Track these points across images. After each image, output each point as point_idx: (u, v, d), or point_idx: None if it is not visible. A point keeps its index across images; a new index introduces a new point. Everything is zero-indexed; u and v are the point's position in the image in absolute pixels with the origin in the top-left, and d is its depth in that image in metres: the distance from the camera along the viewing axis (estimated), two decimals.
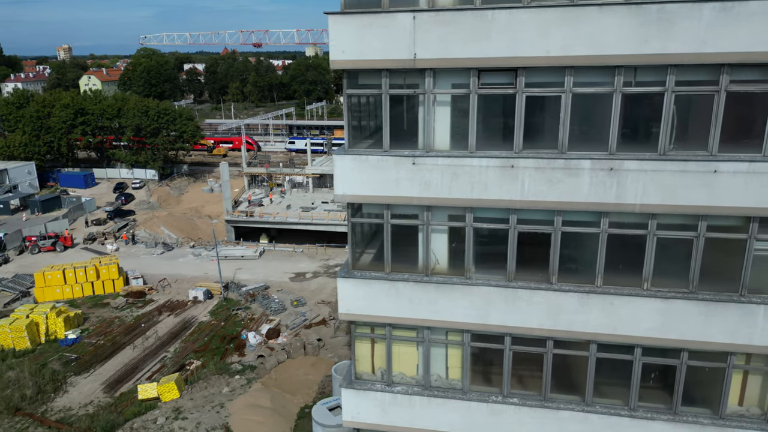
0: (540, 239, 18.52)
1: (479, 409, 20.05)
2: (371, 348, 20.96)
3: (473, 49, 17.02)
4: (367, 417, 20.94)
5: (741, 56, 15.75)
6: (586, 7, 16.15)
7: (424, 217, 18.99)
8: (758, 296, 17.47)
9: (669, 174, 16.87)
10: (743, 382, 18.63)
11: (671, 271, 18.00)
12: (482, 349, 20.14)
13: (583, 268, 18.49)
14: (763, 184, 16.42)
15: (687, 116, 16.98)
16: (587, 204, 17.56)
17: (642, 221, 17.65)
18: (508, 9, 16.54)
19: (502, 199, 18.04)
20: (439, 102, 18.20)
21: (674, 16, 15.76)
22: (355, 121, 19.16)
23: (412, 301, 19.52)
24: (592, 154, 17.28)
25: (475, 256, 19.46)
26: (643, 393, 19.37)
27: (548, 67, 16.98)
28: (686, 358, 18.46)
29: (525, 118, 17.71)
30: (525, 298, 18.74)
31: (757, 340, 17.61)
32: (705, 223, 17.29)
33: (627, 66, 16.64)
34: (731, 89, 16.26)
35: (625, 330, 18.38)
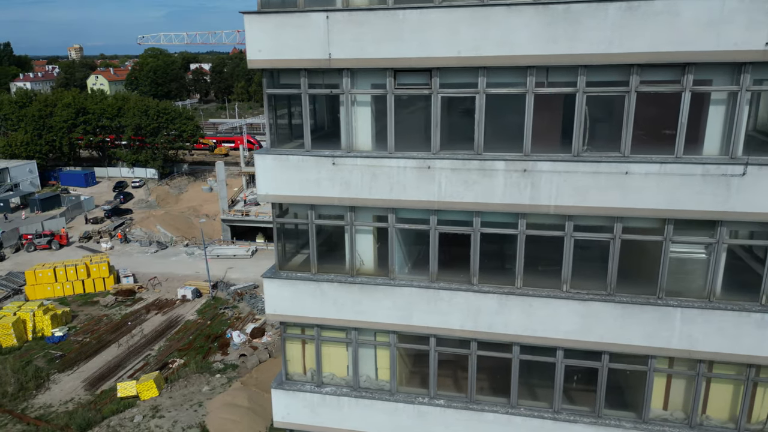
0: (461, 240, 18.41)
1: (406, 410, 19.97)
2: (302, 349, 20.93)
3: (387, 49, 16.94)
4: (298, 417, 20.93)
5: (648, 56, 15.60)
6: (494, 7, 16.05)
7: (348, 217, 18.88)
8: (675, 299, 17.27)
9: (582, 175, 16.74)
10: (667, 386, 18.43)
11: (590, 273, 17.87)
12: (409, 351, 20.05)
13: (504, 270, 18.37)
14: (675, 185, 16.24)
15: (600, 117, 16.83)
16: (503, 205, 17.46)
17: (559, 222, 17.52)
18: (419, 9, 16.45)
19: (420, 200, 17.95)
20: (359, 102, 18.13)
21: (580, 15, 15.64)
22: (282, 120, 19.09)
23: (336, 302, 19.49)
24: (506, 155, 17.17)
25: (401, 257, 19.38)
26: (568, 395, 19.25)
27: (461, 68, 16.87)
28: (607, 361, 18.25)
29: (442, 119, 17.59)
30: (446, 299, 18.66)
31: (675, 343, 17.44)
32: (620, 224, 17.12)
33: (538, 66, 16.50)
34: (641, 90, 16.10)
35: (545, 332, 18.25)
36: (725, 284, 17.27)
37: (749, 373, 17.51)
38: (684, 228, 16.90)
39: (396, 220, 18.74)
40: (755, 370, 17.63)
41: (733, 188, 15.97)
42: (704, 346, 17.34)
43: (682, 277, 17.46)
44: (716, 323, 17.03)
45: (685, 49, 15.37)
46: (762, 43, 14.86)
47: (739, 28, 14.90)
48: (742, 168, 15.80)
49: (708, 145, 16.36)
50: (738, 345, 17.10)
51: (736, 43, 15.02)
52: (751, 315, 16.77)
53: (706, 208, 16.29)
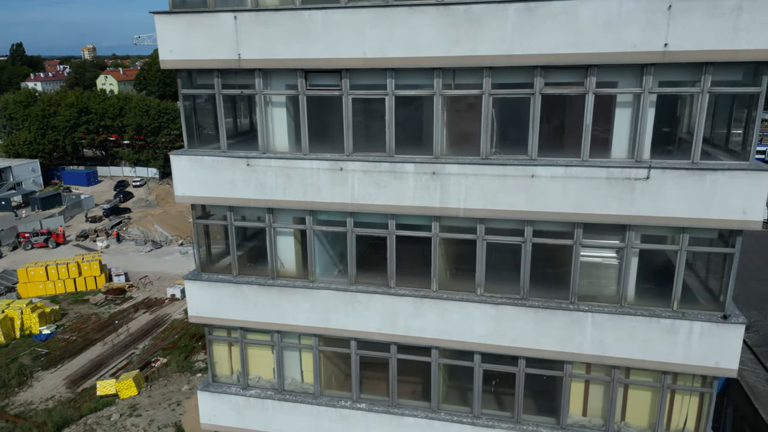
0: (378, 243, 18.26)
1: (328, 413, 19.86)
2: (229, 351, 20.85)
3: (296, 50, 16.85)
4: (223, 420, 20.86)
5: (549, 58, 15.41)
6: (397, 8, 15.90)
7: (267, 219, 18.79)
8: (587, 304, 17.03)
9: (489, 178, 16.56)
10: (585, 392, 18.19)
11: (505, 277, 17.68)
12: (333, 354, 19.92)
13: (421, 273, 18.18)
14: (581, 189, 16.02)
15: (508, 119, 16.61)
16: (414, 207, 17.31)
17: (471, 225, 17.34)
18: (324, 9, 16.34)
19: (334, 201, 17.84)
20: (275, 103, 18.05)
21: (481, 17, 15.47)
22: (200, 119, 19.03)
23: (257, 305, 19.41)
24: (416, 158, 17.00)
25: (327, 260, 19.25)
26: (488, 400, 19.04)
27: (370, 69, 16.72)
28: (524, 366, 18.04)
29: (360, 121, 17.47)
30: (363, 302, 18.54)
31: (587, 348, 17.22)
32: (531, 228, 16.89)
33: (444, 68, 16.31)
34: (546, 92, 15.88)
35: (461, 336, 18.08)
36: (638, 289, 17.00)
37: (665, 380, 17.17)
38: (594, 232, 16.66)
39: (314, 222, 18.55)
40: (672, 377, 17.30)
41: (638, 192, 15.74)
42: (616, 352, 17.09)
43: (594, 281, 17.23)
44: (627, 329, 16.78)
45: (584, 51, 15.15)
46: (661, 44, 14.60)
47: (638, 29, 14.67)
48: (646, 171, 15.50)
49: (616, 149, 16.13)
50: (649, 351, 16.85)
51: (635, 44, 14.79)
52: (661, 321, 16.51)
53: (612, 212, 16.05)
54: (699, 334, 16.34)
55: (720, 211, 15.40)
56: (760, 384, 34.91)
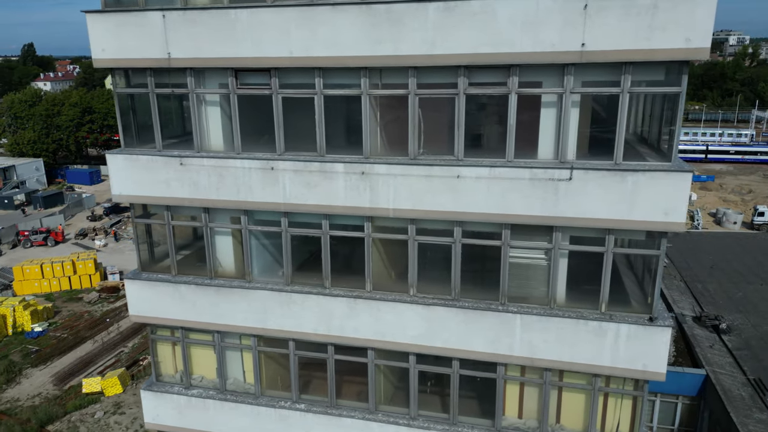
0: (313, 243, 18.21)
1: (268, 414, 19.82)
2: (173, 350, 20.85)
3: (224, 49, 16.82)
4: (166, 419, 20.86)
5: (470, 58, 15.30)
6: (320, 7, 15.83)
7: (203, 219, 18.76)
8: (516, 305, 16.89)
9: (417, 179, 16.46)
10: (520, 394, 18.05)
11: (437, 278, 17.57)
12: (273, 354, 19.88)
13: (356, 273, 18.10)
14: (505, 189, 15.89)
15: (435, 120, 16.50)
16: (345, 208, 17.24)
17: (403, 226, 17.23)
18: (249, 9, 16.30)
19: (266, 201, 17.79)
20: (210, 102, 18.02)
21: (402, 16, 15.37)
22: (139, 119, 19.02)
23: (195, 305, 19.39)
24: (345, 158, 16.92)
25: (262, 260, 19.21)
26: (425, 402, 18.94)
27: (298, 68, 16.67)
28: (458, 367, 17.92)
29: (287, 120, 17.39)
30: (299, 303, 18.48)
31: (517, 350, 17.08)
32: (460, 228, 16.78)
33: (371, 68, 16.23)
34: (470, 92, 15.76)
35: (394, 336, 18.00)
36: (568, 291, 16.84)
37: (596, 383, 17.00)
38: (521, 233, 16.54)
39: (250, 221, 18.51)
40: (604, 380, 17.13)
41: (561, 193, 15.59)
42: (545, 354, 16.94)
43: (524, 283, 17.10)
44: (555, 331, 16.63)
45: (504, 51, 15.03)
46: (578, 43, 14.45)
47: (555, 28, 14.54)
48: (568, 172, 15.35)
49: (543, 149, 15.99)
50: (578, 353, 16.69)
51: (553, 44, 14.65)
52: (588, 323, 16.35)
53: (536, 213, 15.91)
54: (626, 337, 16.16)
55: (643, 213, 15.23)
56: (735, 388, 34.67)
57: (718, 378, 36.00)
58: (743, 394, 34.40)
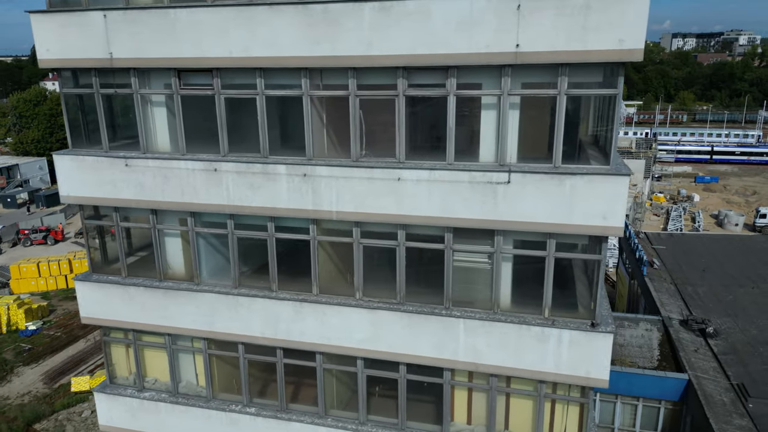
0: (261, 245, 18.02)
1: (219, 417, 19.65)
2: (126, 352, 20.72)
3: (165, 49, 16.67)
4: (120, 421, 20.76)
5: (407, 59, 15.09)
6: (258, 7, 15.65)
7: (151, 220, 18.62)
8: (459, 310, 16.65)
9: (359, 181, 16.24)
10: (469, 400, 17.81)
11: (383, 281, 17.36)
12: (223, 357, 19.71)
13: (304, 276, 17.91)
14: (445, 192, 15.66)
15: (377, 121, 16.28)
16: (288, 210, 17.04)
17: (348, 228, 17.01)
18: (188, 8, 16.14)
19: (211, 203, 17.63)
20: (156, 103, 17.89)
21: (339, 16, 15.16)
22: (89, 119, 18.90)
23: (144, 307, 19.25)
24: (288, 159, 16.73)
25: (212, 262, 19.05)
26: (374, 406, 18.73)
27: (239, 69, 16.49)
28: (405, 372, 17.68)
29: (231, 121, 17.24)
30: (246, 306, 18.30)
31: (461, 355, 16.84)
32: (404, 232, 16.54)
33: (311, 68, 16.03)
34: (410, 93, 15.53)
35: (339, 341, 17.79)
36: (512, 296, 16.58)
37: (541, 390, 16.74)
38: (465, 236, 16.29)
39: (197, 223, 18.35)
40: (551, 387, 16.86)
41: (500, 196, 15.34)
42: (489, 360, 16.69)
43: (470, 287, 16.87)
44: (498, 336, 16.38)
45: (440, 52, 14.79)
46: (513, 44, 14.19)
47: (489, 29, 14.29)
48: (506, 175, 15.09)
49: (484, 152, 15.74)
50: (522, 359, 16.44)
51: (488, 45, 14.40)
52: (531, 328, 16.10)
53: (476, 216, 15.67)
54: (568, 343, 15.89)
55: (581, 217, 14.95)
56: (717, 393, 34.28)
57: (701, 383, 35.63)
58: (725, 400, 33.99)
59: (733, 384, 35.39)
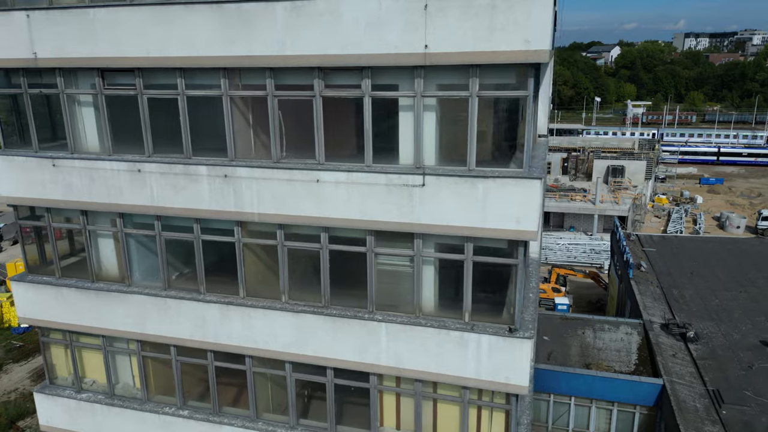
0: (188, 247, 17.87)
1: (153, 420, 19.53)
2: (65, 353, 20.64)
3: (87, 48, 16.55)
4: (59, 422, 20.70)
5: (320, 59, 14.87)
6: (174, 6, 15.49)
7: (81, 221, 18.52)
8: (381, 314, 16.42)
9: (279, 183, 16.05)
10: (397, 405, 17.57)
11: (309, 285, 17.14)
12: (157, 359, 19.58)
13: (231, 279, 17.73)
14: (364, 195, 15.43)
15: (297, 122, 16.07)
16: (211, 212, 16.86)
17: (272, 231, 16.82)
18: (107, 8, 16.00)
19: (136, 204, 17.49)
20: (84, 103, 17.77)
21: (252, 16, 14.97)
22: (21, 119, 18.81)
23: (77, 308, 19.17)
24: (209, 160, 16.56)
25: (145, 264, 18.91)
26: (305, 410, 18.56)
27: (161, 68, 16.32)
28: (332, 376, 17.47)
29: (156, 121, 17.10)
30: (174, 308, 18.16)
31: (384, 360, 16.62)
32: (326, 234, 16.33)
33: (230, 68, 15.84)
34: (326, 94, 15.30)
35: (266, 344, 17.61)
36: (434, 300, 16.33)
37: (465, 395, 16.47)
38: (386, 240, 16.05)
39: (127, 224, 18.23)
40: (477, 393, 16.60)
41: (416, 199, 15.08)
42: (411, 365, 16.45)
43: (395, 291, 16.61)
44: (419, 340, 16.13)
45: (352, 52, 14.56)
46: (421, 45, 13.92)
47: (398, 29, 14.03)
48: (421, 178, 14.84)
49: (403, 155, 15.47)
50: (443, 364, 16.19)
51: (397, 45, 14.14)
52: (450, 333, 15.83)
53: (393, 219, 15.43)
54: (488, 348, 15.61)
55: (495, 221, 14.68)
56: (691, 399, 33.83)
57: (675, 388, 35.20)
58: (698, 406, 33.53)
59: (709, 390, 34.90)
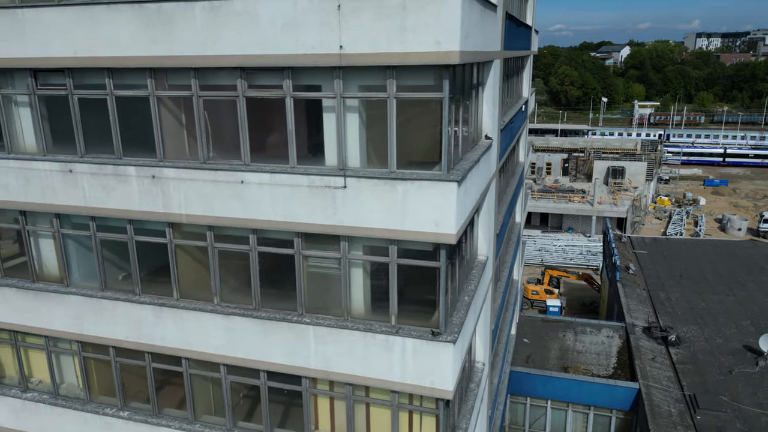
0: (125, 248, 17.81)
1: (94, 421, 19.51)
2: (12, 352, 20.65)
3: (17, 49, 16.54)
4: (5, 421, 20.74)
5: (240, 59, 14.76)
6: (98, 6, 15.42)
7: (20, 221, 18.50)
8: (310, 317, 16.29)
9: (205, 184, 15.96)
10: (331, 409, 17.44)
11: (242, 287, 17.03)
12: (99, 360, 19.53)
13: (165, 281, 17.67)
14: (288, 197, 15.32)
15: (223, 123, 15.97)
16: (142, 213, 16.82)
17: (202, 232, 16.73)
18: (35, 8, 15.98)
19: (69, 204, 17.48)
20: (21, 103, 17.75)
21: (172, 16, 14.88)
22: None
23: (17, 308, 19.18)
24: (138, 161, 16.49)
25: (86, 264, 18.86)
26: (244, 413, 18.47)
27: (89, 69, 16.27)
28: (266, 379, 17.36)
29: (89, 122, 17.06)
30: (110, 309, 18.12)
31: (313, 363, 16.49)
32: (255, 236, 16.22)
33: (156, 69, 15.79)
34: (249, 95, 15.19)
35: (199, 346, 17.54)
36: (363, 303, 16.19)
37: (394, 399, 16.31)
38: (314, 242, 15.91)
39: (65, 225, 18.23)
40: (407, 397, 16.43)
41: (339, 201, 14.94)
42: (339, 368, 16.33)
43: (325, 294, 16.46)
44: (346, 344, 15.99)
45: (270, 53, 14.45)
46: (337, 46, 13.78)
47: (314, 30, 13.89)
48: (342, 180, 14.69)
49: (329, 156, 15.33)
50: (370, 368, 16.06)
51: (313, 46, 14.00)
52: (377, 336, 15.68)
53: (318, 222, 15.30)
54: (412, 352, 15.46)
55: (415, 223, 14.52)
56: (665, 404, 33.54)
57: (650, 392, 34.94)
58: (672, 411, 33.27)
59: (685, 394, 34.61)
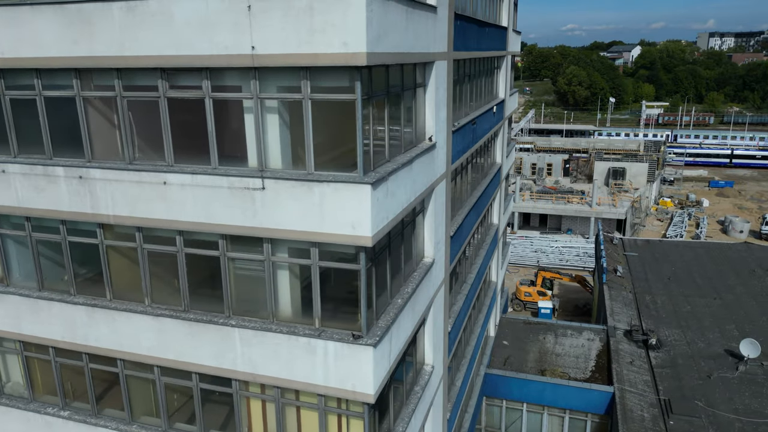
0: (59, 249, 17.82)
1: (36, 420, 19.54)
2: None
3: None
4: None
5: (157, 60, 14.68)
6: (22, 7, 15.41)
7: None
8: (236, 319, 16.22)
9: (130, 185, 15.93)
10: (263, 412, 17.37)
11: (171, 288, 16.97)
12: (40, 360, 19.56)
13: (99, 281, 17.65)
14: (209, 198, 15.26)
15: (148, 123, 15.91)
16: (72, 213, 16.81)
17: (132, 233, 16.70)
18: None
19: (3, 204, 17.52)
20: None
21: (91, 16, 14.86)
22: None
23: None
24: (66, 161, 16.49)
25: (25, 265, 18.88)
26: (180, 415, 18.40)
27: (18, 69, 16.30)
28: (198, 381, 17.31)
29: (23, 122, 17.07)
30: (46, 309, 18.13)
31: (240, 366, 16.40)
32: (181, 237, 16.16)
33: (81, 69, 15.77)
34: (171, 95, 15.13)
35: (131, 348, 17.53)
36: (290, 305, 16.11)
37: (321, 402, 16.21)
38: (238, 244, 15.82)
39: (3, 225, 18.26)
40: (336, 400, 16.32)
41: (258, 203, 14.85)
42: (265, 371, 16.25)
43: (253, 296, 16.38)
44: (271, 346, 15.91)
45: (185, 53, 14.38)
46: (249, 46, 13.69)
47: (226, 30, 13.82)
48: (261, 182, 14.60)
49: (251, 157, 15.24)
50: (294, 371, 15.97)
51: (227, 46, 13.92)
52: (299, 339, 15.58)
53: (238, 223, 15.23)
54: (334, 355, 15.35)
55: (332, 226, 14.42)
56: (639, 408, 33.27)
57: (624, 397, 34.67)
58: (645, 415, 32.99)
59: (661, 399, 34.32)
